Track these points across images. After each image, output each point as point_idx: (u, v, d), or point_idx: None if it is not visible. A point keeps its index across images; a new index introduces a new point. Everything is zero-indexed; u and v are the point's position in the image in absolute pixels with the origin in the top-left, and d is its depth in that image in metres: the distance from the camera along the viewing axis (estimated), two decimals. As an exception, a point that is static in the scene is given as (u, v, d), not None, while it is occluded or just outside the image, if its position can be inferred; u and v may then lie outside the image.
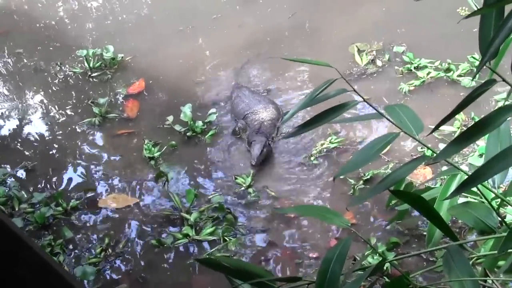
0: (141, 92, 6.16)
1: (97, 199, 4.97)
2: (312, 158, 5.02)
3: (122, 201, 4.93)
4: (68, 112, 6.04)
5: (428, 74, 5.56)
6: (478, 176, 1.76)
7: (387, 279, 3.66)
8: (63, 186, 5.15)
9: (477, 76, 5.35)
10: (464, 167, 4.45)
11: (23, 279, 1.60)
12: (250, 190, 4.81)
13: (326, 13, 6.89)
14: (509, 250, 2.35)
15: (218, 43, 6.71)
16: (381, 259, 2.13)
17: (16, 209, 4.86)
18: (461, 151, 4.70)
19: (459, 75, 5.49)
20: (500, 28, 1.56)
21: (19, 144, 5.75)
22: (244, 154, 5.26)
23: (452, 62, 5.60)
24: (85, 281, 4.24)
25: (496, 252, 2.34)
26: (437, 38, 6.02)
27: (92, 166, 5.33)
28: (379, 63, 5.93)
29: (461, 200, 3.15)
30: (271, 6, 7.21)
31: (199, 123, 5.47)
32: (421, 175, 4.63)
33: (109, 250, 4.48)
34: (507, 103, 1.91)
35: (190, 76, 6.29)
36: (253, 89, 5.92)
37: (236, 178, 4.93)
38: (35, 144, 5.71)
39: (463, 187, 1.80)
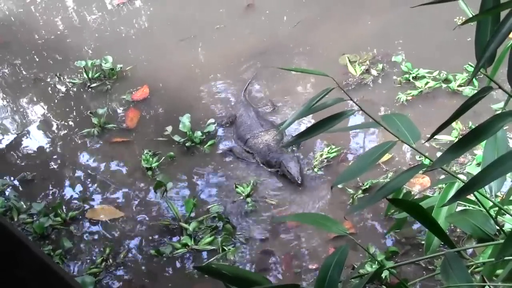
0: (146, 99, 6.17)
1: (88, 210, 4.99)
2: (315, 169, 5.03)
3: (109, 213, 4.93)
4: (67, 122, 6.06)
5: (426, 84, 5.57)
6: (475, 182, 1.77)
7: (385, 288, 3.67)
8: (62, 197, 5.15)
9: (477, 85, 5.38)
10: (462, 177, 4.46)
11: (23, 280, 1.61)
12: (249, 199, 4.81)
13: (325, 25, 6.91)
14: (507, 258, 2.36)
15: (219, 53, 6.72)
16: (378, 267, 2.14)
17: (15, 220, 4.86)
18: (459, 161, 4.72)
19: (460, 85, 5.49)
20: (495, 33, 1.58)
21: (18, 155, 5.76)
22: (241, 163, 5.29)
23: (450, 72, 5.62)
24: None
25: (494, 259, 2.35)
26: (435, 49, 6.04)
27: (91, 177, 5.34)
28: (374, 72, 5.94)
29: (459, 209, 3.16)
30: (271, 16, 7.24)
31: (198, 133, 5.48)
32: (419, 185, 4.64)
33: (110, 260, 4.48)
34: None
35: (191, 87, 6.30)
36: (260, 109, 5.89)
37: (236, 187, 4.94)
38: (34, 154, 5.72)
39: (461, 193, 1.81)
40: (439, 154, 4.74)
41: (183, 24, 7.30)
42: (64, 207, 4.97)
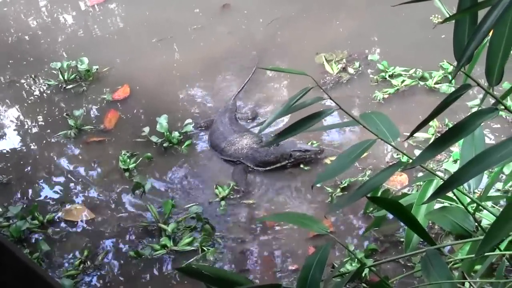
0: (126, 99, 6.13)
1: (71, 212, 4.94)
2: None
3: (87, 214, 4.89)
4: (43, 125, 6.00)
5: (402, 82, 5.61)
6: (454, 180, 1.78)
7: (365, 286, 3.68)
8: (39, 199, 5.10)
9: (453, 82, 5.43)
10: (439, 174, 4.49)
11: (5, 284, 1.59)
12: (223, 202, 4.80)
13: (301, 24, 6.93)
14: (486, 254, 2.38)
15: (197, 53, 6.69)
16: (359, 265, 2.14)
17: (-9, 223, 4.81)
18: (435, 158, 4.75)
19: (437, 82, 5.54)
20: (475, 32, 1.59)
21: (-7, 158, 5.69)
22: (221, 164, 5.30)
23: (426, 70, 5.66)
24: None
25: (473, 256, 2.37)
26: (411, 47, 6.09)
27: (68, 179, 5.28)
28: (351, 71, 5.97)
29: (437, 206, 3.19)
30: (248, 16, 7.23)
31: (176, 134, 5.45)
32: (397, 182, 4.67)
33: (88, 262, 4.45)
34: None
35: (169, 88, 6.27)
36: (238, 116, 5.80)
37: (216, 188, 4.93)
38: (9, 157, 5.65)
39: (440, 191, 1.81)
40: (416, 151, 4.77)
41: (159, 25, 7.26)
42: (41, 209, 4.91)
